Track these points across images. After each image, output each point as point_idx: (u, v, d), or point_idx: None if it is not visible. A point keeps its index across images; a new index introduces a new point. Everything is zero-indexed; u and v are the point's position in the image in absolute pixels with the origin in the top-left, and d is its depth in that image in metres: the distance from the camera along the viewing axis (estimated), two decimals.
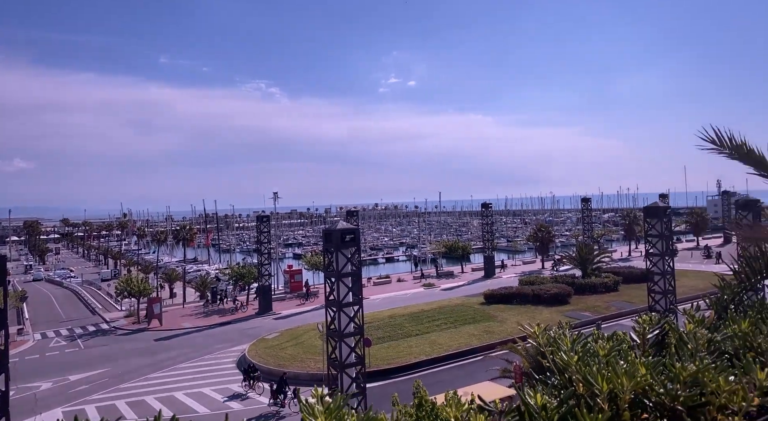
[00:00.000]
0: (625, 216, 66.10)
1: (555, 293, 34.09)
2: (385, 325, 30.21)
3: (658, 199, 50.85)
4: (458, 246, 56.67)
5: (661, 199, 50.31)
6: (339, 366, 17.19)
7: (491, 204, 54.45)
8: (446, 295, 40.42)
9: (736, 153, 4.50)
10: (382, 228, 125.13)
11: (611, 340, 2.17)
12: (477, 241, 69.95)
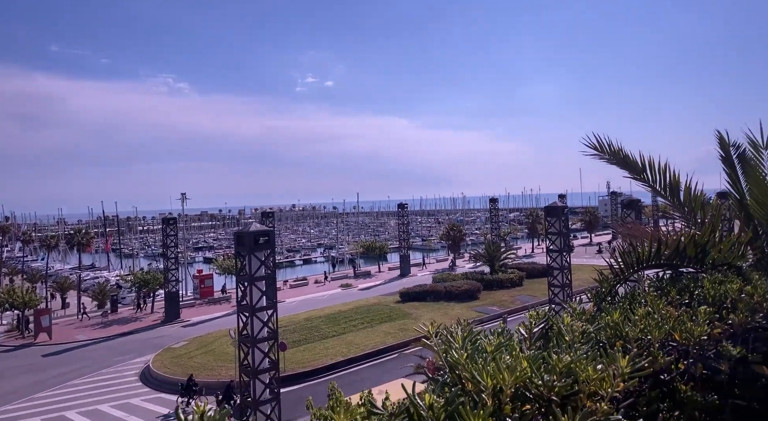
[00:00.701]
0: (529, 215, 70.80)
1: (466, 290, 35.61)
2: (302, 328, 29.78)
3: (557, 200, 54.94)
4: (375, 246, 57.31)
5: (560, 199, 54.43)
6: (251, 373, 16.64)
7: (407, 204, 55.67)
8: (363, 295, 40.68)
9: (614, 158, 4.96)
10: (299, 229, 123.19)
11: (501, 335, 2.28)
12: (394, 240, 71.20)
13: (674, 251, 3.61)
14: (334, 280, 50.49)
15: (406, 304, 34.44)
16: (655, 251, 3.56)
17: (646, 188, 4.97)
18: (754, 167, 4.41)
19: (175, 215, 46.45)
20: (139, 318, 37.66)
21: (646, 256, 3.56)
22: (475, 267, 47.28)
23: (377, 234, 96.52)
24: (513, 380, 1.62)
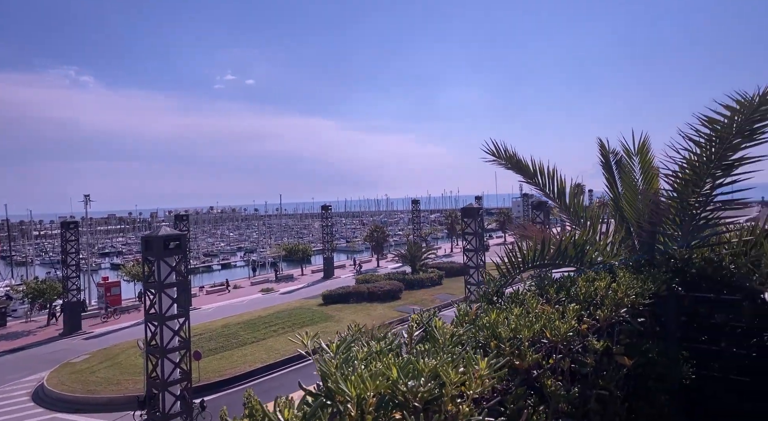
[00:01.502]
0: (448, 216, 73.27)
1: (388, 290, 36.07)
2: (219, 335, 28.58)
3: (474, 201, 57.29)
4: (298, 249, 56.38)
5: (476, 201, 56.84)
6: (161, 385, 15.67)
7: (330, 206, 55.35)
8: (285, 299, 39.83)
9: (509, 163, 5.21)
10: (218, 233, 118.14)
11: (383, 341, 2.28)
12: (318, 243, 70.50)
13: (557, 251, 3.85)
14: (255, 284, 49.01)
15: (329, 306, 34.23)
16: (539, 251, 3.77)
17: (539, 191, 5.27)
18: (627, 173, 4.82)
19: (78, 219, 42.60)
20: (32, 332, 34.13)
21: (531, 256, 3.77)
22: (397, 267, 48.04)
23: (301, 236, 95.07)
24: (375, 388, 1.62)
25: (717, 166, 3.94)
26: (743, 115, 3.70)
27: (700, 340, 3.64)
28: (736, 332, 3.49)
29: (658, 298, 3.64)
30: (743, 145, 3.87)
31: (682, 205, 4.20)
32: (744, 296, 3.45)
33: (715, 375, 3.51)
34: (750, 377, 3.40)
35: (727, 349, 3.48)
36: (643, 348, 3.17)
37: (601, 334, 2.92)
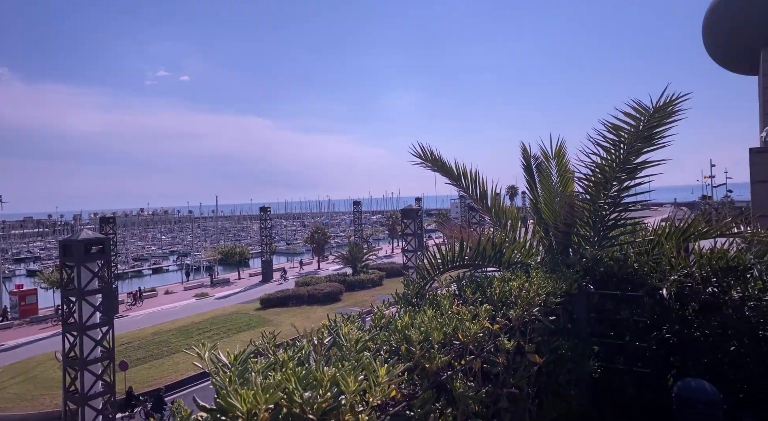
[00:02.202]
0: (389, 217, 73.89)
1: (328, 292, 35.79)
2: (148, 343, 27.14)
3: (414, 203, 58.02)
4: (235, 252, 54.68)
5: (417, 202, 57.69)
6: (80, 399, 14.60)
7: (270, 208, 54.12)
8: (221, 304, 38.48)
9: (435, 166, 5.28)
10: (148, 236, 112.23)
11: (290, 349, 2.21)
12: (256, 245, 68.69)
13: (475, 252, 3.93)
14: (189, 289, 47.00)
15: (268, 310, 33.47)
16: (458, 252, 3.83)
17: (464, 193, 5.38)
18: (546, 176, 5.01)
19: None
20: None
21: (450, 257, 3.82)
22: (338, 269, 47.79)
23: (238, 239, 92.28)
24: (267, 400, 1.55)
25: (622, 169, 4.18)
26: (642, 121, 3.95)
27: (608, 335, 3.84)
28: (639, 327, 3.71)
29: (570, 296, 3.81)
30: (645, 149, 4.14)
31: (593, 207, 4.42)
32: (645, 293, 3.67)
33: (621, 368, 3.71)
34: (650, 368, 3.62)
35: (630, 342, 3.68)
36: (554, 345, 3.28)
37: (513, 333, 2.99)
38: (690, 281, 3.61)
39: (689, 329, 3.55)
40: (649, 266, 3.88)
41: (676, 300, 3.59)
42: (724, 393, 3.32)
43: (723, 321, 3.39)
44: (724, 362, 3.38)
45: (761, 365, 3.25)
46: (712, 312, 3.48)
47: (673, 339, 3.61)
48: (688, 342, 3.53)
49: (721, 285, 3.57)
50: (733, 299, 3.45)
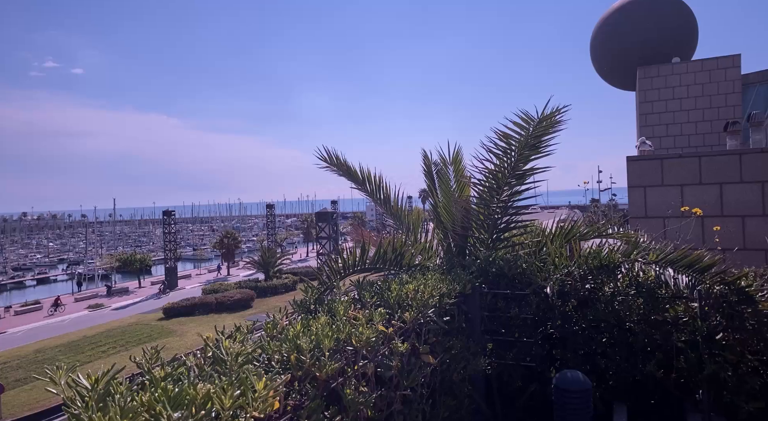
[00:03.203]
0: (304, 220, 72.92)
1: (239, 299, 34.49)
2: (30, 362, 24.39)
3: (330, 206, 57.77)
4: (135, 259, 50.84)
5: (332, 205, 57.49)
6: None
7: (174, 211, 51.03)
8: (118, 315, 35.56)
9: (340, 170, 5.27)
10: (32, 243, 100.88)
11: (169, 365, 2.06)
12: (160, 251, 64.40)
13: (376, 256, 3.96)
14: (81, 300, 42.91)
15: (171, 320, 31.51)
16: (359, 256, 3.84)
17: (368, 198, 5.42)
18: (444, 181, 5.20)
19: None
20: None
21: (352, 262, 3.82)
22: (250, 275, 46.24)
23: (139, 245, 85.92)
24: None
25: (512, 175, 4.45)
26: (529, 130, 4.24)
27: (500, 332, 4.05)
28: (527, 323, 3.95)
29: (465, 296, 3.97)
30: (532, 156, 4.44)
31: (487, 211, 4.65)
32: (532, 291, 3.92)
33: (511, 363, 3.93)
34: (536, 362, 3.88)
35: (519, 339, 3.92)
36: (449, 345, 3.40)
37: (408, 335, 3.05)
38: (570, 279, 3.92)
39: (569, 323, 3.85)
40: (536, 266, 4.15)
41: (558, 297, 3.88)
42: (596, 381, 3.64)
43: (596, 315, 3.71)
44: (597, 353, 3.70)
45: (628, 354, 3.60)
46: (588, 307, 3.80)
47: (555, 334, 3.90)
48: (568, 336, 3.83)
49: (596, 282, 3.91)
50: (605, 295, 3.79)
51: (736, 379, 3.23)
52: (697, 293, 3.42)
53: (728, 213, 8.10)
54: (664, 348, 3.51)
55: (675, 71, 21.46)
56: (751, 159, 8.01)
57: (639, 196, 8.81)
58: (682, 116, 21.02)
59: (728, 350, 3.26)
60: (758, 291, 3.31)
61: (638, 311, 3.64)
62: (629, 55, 24.78)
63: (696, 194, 8.28)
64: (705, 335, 3.32)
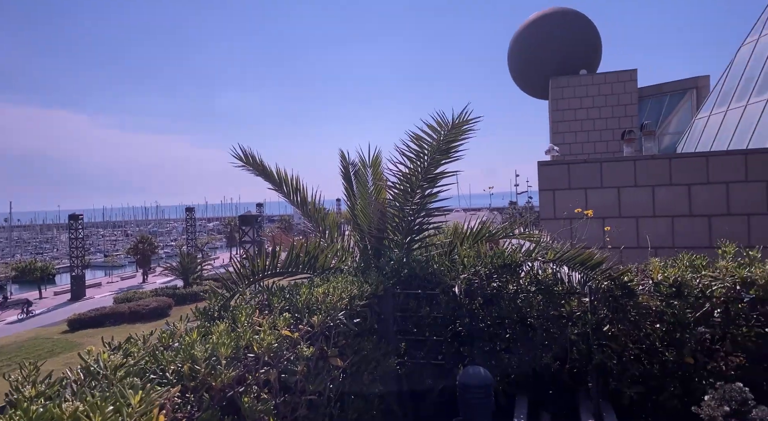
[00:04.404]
0: (227, 224, 70.32)
1: (155, 307, 32.49)
2: None
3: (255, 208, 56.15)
4: (36, 267, 46.31)
5: (257, 208, 55.91)
6: None
7: (82, 215, 47.13)
8: (15, 329, 32.18)
9: (257, 170, 5.14)
10: None
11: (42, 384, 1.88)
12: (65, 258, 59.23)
13: (288, 259, 3.90)
14: None
15: (77, 333, 29.02)
16: (270, 260, 3.75)
17: (285, 200, 5.32)
18: (362, 183, 5.22)
19: None
20: None
21: (262, 266, 3.72)
22: (168, 282, 43.78)
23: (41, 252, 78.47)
24: None
25: (425, 178, 4.56)
26: (442, 135, 4.37)
27: (412, 332, 4.12)
28: (438, 322, 4.06)
29: (378, 298, 4.01)
30: (443, 161, 4.58)
31: (401, 214, 4.73)
32: (441, 291, 4.04)
33: (422, 362, 4.02)
34: (445, 360, 4.00)
35: (430, 337, 4.01)
36: (359, 347, 3.41)
37: (316, 339, 3.02)
38: (477, 278, 4.08)
39: (476, 321, 4.01)
40: (446, 266, 4.28)
41: (466, 296, 4.03)
42: (500, 375, 3.81)
43: (500, 312, 3.89)
44: (501, 348, 3.88)
45: (529, 348, 3.81)
46: (493, 305, 3.98)
47: (463, 331, 4.04)
48: (475, 333, 3.98)
49: (501, 280, 4.10)
50: (509, 292, 3.99)
51: (621, 367, 3.52)
52: (588, 289, 3.70)
53: (625, 214, 8.85)
54: (560, 341, 3.75)
55: (582, 82, 23.21)
56: (643, 165, 8.82)
57: (549, 198, 9.39)
58: (588, 124, 22.76)
59: (614, 341, 3.55)
60: (639, 285, 3.63)
61: (538, 307, 3.87)
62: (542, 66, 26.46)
63: (598, 197, 8.97)
64: (594, 328, 3.59)
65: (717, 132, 15.51)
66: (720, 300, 3.43)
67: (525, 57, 27.20)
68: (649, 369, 3.51)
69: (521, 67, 27.67)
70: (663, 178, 8.44)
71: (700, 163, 8.20)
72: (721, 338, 3.41)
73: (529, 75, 27.28)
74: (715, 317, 3.44)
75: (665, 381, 3.43)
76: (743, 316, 3.42)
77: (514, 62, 28.26)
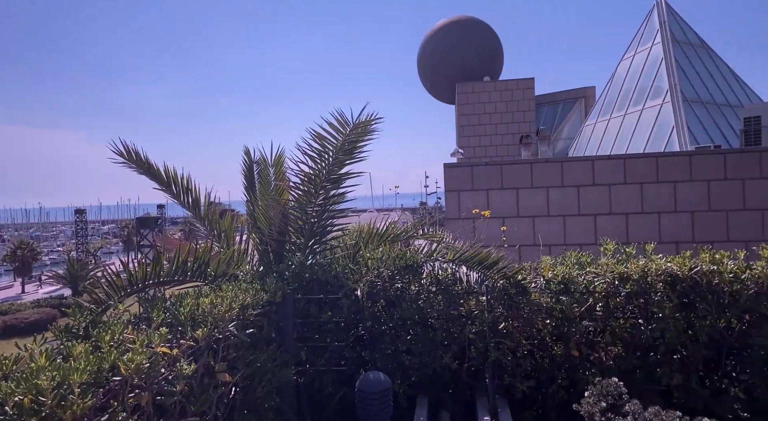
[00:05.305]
0: (124, 227, 65.00)
1: (35, 320, 29.06)
2: None
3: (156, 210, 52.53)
4: None
5: (159, 209, 52.32)
6: None
7: None
8: None
9: (141, 168, 4.67)
10: None
11: None
12: None
13: (173, 266, 3.56)
14: None
15: None
16: (151, 268, 3.39)
17: (174, 201, 4.90)
18: (265, 183, 4.96)
19: None
20: None
21: (143, 274, 3.36)
22: (53, 291, 39.44)
23: None
24: None
25: (328, 179, 4.42)
26: (345, 134, 4.26)
27: (313, 339, 3.96)
28: (340, 327, 3.93)
29: (277, 305, 3.79)
30: (347, 161, 4.46)
31: (304, 215, 4.54)
32: (344, 294, 3.92)
33: (323, 369, 3.87)
34: (347, 366, 3.89)
35: (331, 343, 3.88)
36: (251, 358, 3.18)
37: (201, 354, 2.76)
38: (380, 280, 4.02)
39: (378, 324, 3.94)
40: (350, 269, 4.17)
41: (368, 299, 3.95)
42: (401, 377, 3.78)
43: (402, 314, 3.86)
44: (402, 350, 3.85)
45: (429, 349, 3.82)
46: (395, 307, 3.93)
47: (366, 335, 3.96)
48: (377, 336, 3.91)
49: (403, 282, 4.07)
50: (411, 294, 3.97)
51: (515, 362, 3.63)
52: (485, 288, 3.78)
53: (523, 214, 9.36)
54: (459, 340, 3.79)
55: (485, 89, 24.42)
56: (538, 167, 9.38)
57: (454, 199, 9.68)
58: (491, 129, 24.00)
59: (508, 338, 3.66)
60: (531, 283, 3.78)
61: (438, 308, 3.88)
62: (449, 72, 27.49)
63: (499, 197, 9.40)
64: (491, 326, 3.67)
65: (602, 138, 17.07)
66: (601, 295, 3.66)
67: (432, 63, 28.10)
68: (540, 363, 3.66)
69: (430, 72, 28.55)
70: (556, 180, 9.03)
71: (586, 167, 8.88)
72: (602, 330, 3.64)
73: (437, 80, 28.21)
74: (597, 310, 3.67)
75: (554, 374, 3.59)
76: (620, 309, 3.68)
77: (423, 68, 29.09)
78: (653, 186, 8.60)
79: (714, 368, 3.53)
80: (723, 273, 3.42)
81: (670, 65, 14.98)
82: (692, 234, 8.43)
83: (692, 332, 3.44)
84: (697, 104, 14.46)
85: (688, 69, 15.30)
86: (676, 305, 3.46)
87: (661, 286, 3.53)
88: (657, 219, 8.57)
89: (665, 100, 14.43)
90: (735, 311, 3.44)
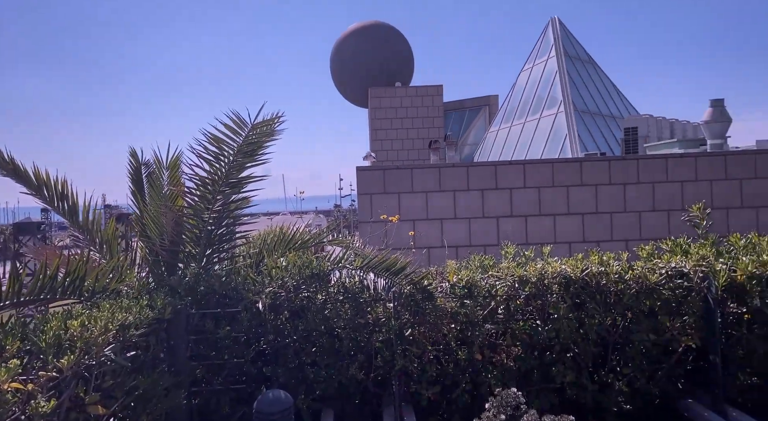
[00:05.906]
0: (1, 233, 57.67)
1: None
2: None
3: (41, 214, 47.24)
4: None
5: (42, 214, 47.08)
6: None
7: None
8: None
9: (5, 170, 4.07)
10: None
11: None
12: None
13: (40, 282, 3.10)
14: None
15: None
16: (9, 285, 2.92)
17: (48, 207, 4.33)
18: (157, 188, 4.53)
19: None
20: None
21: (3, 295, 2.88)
22: None
23: None
24: None
25: (226, 183, 4.13)
26: (243, 136, 4.01)
27: (209, 356, 3.66)
28: (239, 342, 3.67)
29: (167, 322, 3.45)
30: (248, 164, 4.21)
31: (200, 223, 4.21)
32: (243, 307, 3.67)
33: (220, 388, 3.59)
34: (246, 383, 3.64)
35: (229, 360, 3.61)
36: (132, 384, 2.84)
37: (68, 385, 2.40)
38: (283, 290, 3.81)
39: (282, 337, 3.74)
40: (251, 280, 3.92)
41: (271, 311, 3.72)
42: (305, 392, 3.61)
43: (307, 325, 3.69)
44: (307, 363, 3.68)
45: (335, 360, 3.69)
46: (300, 318, 3.75)
47: (268, 350, 3.73)
48: (281, 350, 3.71)
49: (309, 291, 3.90)
50: (317, 304, 3.81)
51: (420, 369, 3.62)
52: (392, 295, 3.72)
53: (432, 217, 9.56)
54: (366, 350, 3.70)
55: (397, 94, 24.85)
56: (446, 172, 9.63)
57: (366, 202, 9.64)
58: (402, 133, 24.46)
59: (415, 344, 3.64)
60: (437, 288, 3.79)
61: (345, 317, 3.77)
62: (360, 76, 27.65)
63: (409, 201, 9.52)
64: (397, 333, 3.62)
65: (504, 144, 18.06)
66: (503, 298, 3.77)
67: (345, 67, 28.11)
68: (446, 368, 3.67)
69: (342, 76, 28.52)
70: (462, 184, 9.32)
71: (490, 172, 9.27)
72: (503, 332, 3.74)
73: (350, 84, 28.25)
74: (499, 313, 3.76)
75: (458, 379, 3.62)
76: (520, 311, 3.81)
77: (335, 71, 28.99)
78: (549, 190, 9.18)
79: (601, 364, 3.76)
80: (609, 274, 3.66)
81: (563, 78, 16.23)
82: (583, 235, 9.12)
83: (583, 331, 3.64)
84: (586, 115, 15.80)
85: (578, 82, 16.68)
86: (569, 306, 3.64)
87: (556, 287, 3.70)
88: (553, 221, 9.16)
89: (559, 110, 15.60)
90: (619, 309, 3.70)
